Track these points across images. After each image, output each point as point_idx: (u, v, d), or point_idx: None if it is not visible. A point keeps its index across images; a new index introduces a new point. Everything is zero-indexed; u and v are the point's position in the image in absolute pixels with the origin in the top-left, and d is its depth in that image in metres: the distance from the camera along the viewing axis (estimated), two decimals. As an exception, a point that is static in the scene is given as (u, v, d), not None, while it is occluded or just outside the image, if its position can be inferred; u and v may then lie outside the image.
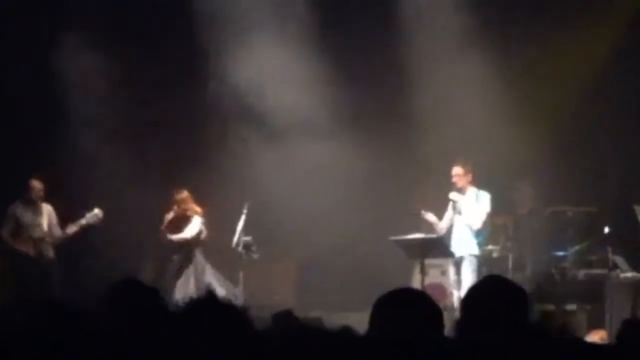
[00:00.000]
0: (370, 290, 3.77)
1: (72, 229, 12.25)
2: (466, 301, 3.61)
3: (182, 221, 12.54)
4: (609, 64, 13.29)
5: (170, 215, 12.49)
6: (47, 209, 12.37)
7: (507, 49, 13.24)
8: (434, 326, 3.43)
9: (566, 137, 13.39)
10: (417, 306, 3.46)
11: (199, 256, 12.48)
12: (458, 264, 11.97)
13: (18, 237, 12.22)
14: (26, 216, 12.26)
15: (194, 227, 12.48)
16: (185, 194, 12.52)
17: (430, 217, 12.05)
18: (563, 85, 13.50)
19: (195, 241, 12.49)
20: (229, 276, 12.21)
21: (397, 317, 3.40)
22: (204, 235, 12.53)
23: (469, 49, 13.28)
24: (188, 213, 12.51)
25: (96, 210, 12.24)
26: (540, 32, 13.32)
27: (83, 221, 12.22)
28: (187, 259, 12.40)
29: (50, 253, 12.28)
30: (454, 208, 12.03)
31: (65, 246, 12.43)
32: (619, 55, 13.27)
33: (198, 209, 12.52)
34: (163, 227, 12.46)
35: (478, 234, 12.04)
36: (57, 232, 12.29)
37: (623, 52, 13.25)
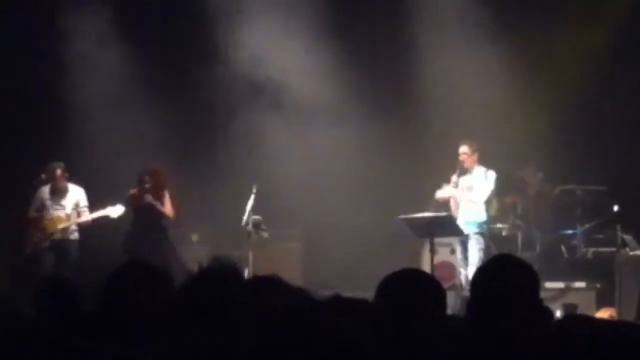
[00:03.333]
0: (378, 270, 3.77)
1: (89, 216, 12.44)
2: (476, 280, 3.58)
3: (154, 194, 12.32)
4: (616, 45, 13.28)
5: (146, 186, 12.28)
6: (75, 191, 12.51)
7: (516, 34, 13.22)
8: (436, 306, 3.43)
9: (575, 116, 13.37)
10: (420, 286, 3.46)
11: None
12: (464, 242, 11.96)
13: (41, 218, 12.45)
14: (49, 198, 12.48)
15: (168, 203, 12.28)
16: (160, 166, 12.39)
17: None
18: (571, 66, 13.48)
19: (168, 217, 12.34)
20: (238, 256, 12.21)
21: (399, 297, 3.40)
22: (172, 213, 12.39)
23: (479, 36, 13.29)
24: (163, 186, 12.28)
25: (118, 206, 12.29)
26: (546, 19, 13.32)
27: (102, 212, 12.33)
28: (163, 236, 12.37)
29: (71, 234, 12.46)
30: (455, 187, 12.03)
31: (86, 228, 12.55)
32: (624, 36, 13.26)
33: (169, 190, 12.31)
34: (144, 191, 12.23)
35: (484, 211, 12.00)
36: (86, 214, 12.46)
37: (628, 34, 13.23)
